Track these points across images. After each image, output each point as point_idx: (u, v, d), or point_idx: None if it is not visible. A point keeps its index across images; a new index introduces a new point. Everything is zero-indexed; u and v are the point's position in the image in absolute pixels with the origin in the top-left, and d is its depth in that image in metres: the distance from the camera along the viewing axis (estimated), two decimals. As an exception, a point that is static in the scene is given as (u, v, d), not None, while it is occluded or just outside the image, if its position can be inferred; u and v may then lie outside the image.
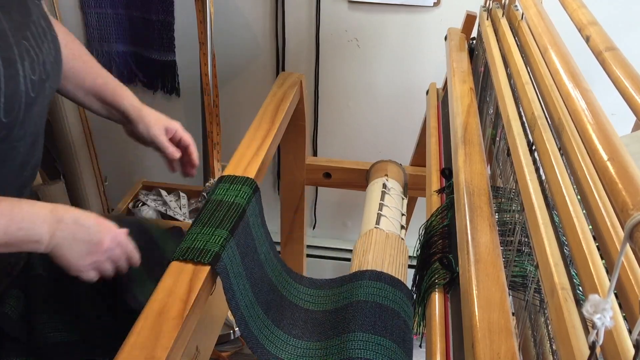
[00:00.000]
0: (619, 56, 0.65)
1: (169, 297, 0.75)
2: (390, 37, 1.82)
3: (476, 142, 0.95)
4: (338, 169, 1.58)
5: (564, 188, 0.62)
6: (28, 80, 0.74)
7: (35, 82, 0.76)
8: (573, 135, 0.64)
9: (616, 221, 0.49)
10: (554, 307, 0.55)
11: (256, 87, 1.95)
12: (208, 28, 1.57)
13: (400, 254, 1.12)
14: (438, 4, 1.74)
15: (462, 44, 1.40)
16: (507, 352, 0.57)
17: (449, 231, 0.91)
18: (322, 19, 1.81)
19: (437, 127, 1.38)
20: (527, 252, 0.78)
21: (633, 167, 0.48)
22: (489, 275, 0.67)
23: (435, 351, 0.76)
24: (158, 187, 1.97)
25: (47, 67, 0.79)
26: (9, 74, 0.71)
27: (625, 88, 0.59)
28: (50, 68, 0.80)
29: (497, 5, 1.28)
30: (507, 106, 0.89)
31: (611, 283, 0.40)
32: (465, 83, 1.15)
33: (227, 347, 1.90)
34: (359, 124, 1.98)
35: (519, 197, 0.75)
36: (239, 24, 1.86)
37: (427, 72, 1.82)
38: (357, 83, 1.91)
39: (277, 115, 1.25)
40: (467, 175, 0.86)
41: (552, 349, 0.68)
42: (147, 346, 0.68)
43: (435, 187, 1.12)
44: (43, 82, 0.78)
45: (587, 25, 0.77)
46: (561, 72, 0.74)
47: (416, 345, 0.90)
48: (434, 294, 0.84)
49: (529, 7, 1.02)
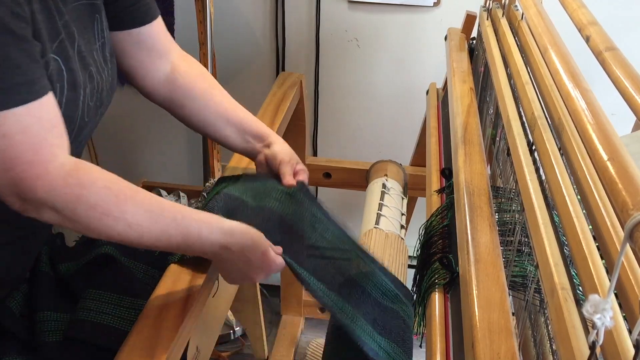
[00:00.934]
0: (619, 56, 0.65)
1: (169, 297, 0.76)
2: (390, 37, 1.82)
3: (476, 142, 0.95)
4: (338, 169, 1.59)
5: (564, 188, 0.62)
6: (86, 106, 0.76)
7: (92, 108, 0.78)
8: (573, 135, 0.65)
9: (616, 221, 0.49)
10: (554, 307, 0.55)
11: (256, 87, 1.94)
12: (208, 28, 1.57)
13: (400, 254, 1.12)
14: (438, 4, 1.74)
15: (462, 44, 1.40)
16: (507, 352, 0.57)
17: (449, 231, 0.91)
18: (322, 19, 1.81)
19: (437, 127, 1.38)
20: (527, 252, 0.78)
21: (633, 167, 0.48)
22: (489, 275, 0.67)
23: (435, 351, 0.76)
24: (158, 187, 1.97)
25: (103, 94, 0.81)
26: (71, 97, 0.72)
27: (625, 88, 0.59)
28: (105, 96, 0.82)
29: (497, 5, 1.28)
30: (507, 106, 0.89)
31: (611, 283, 0.40)
32: (465, 83, 1.15)
33: (227, 347, 1.90)
34: (359, 124, 1.98)
35: (519, 197, 0.75)
36: (239, 24, 1.86)
37: (427, 72, 1.82)
38: (357, 83, 1.91)
39: (277, 115, 1.25)
40: (467, 175, 0.86)
41: (552, 349, 0.68)
42: (147, 346, 0.68)
43: (435, 187, 1.12)
44: (97, 109, 0.80)
45: (587, 25, 0.77)
46: (561, 72, 0.74)
47: (416, 345, 0.90)
48: (434, 294, 0.84)
49: (529, 7, 1.02)
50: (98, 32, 0.81)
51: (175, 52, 0.95)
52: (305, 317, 1.98)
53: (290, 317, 1.95)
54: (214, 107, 0.95)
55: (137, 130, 2.09)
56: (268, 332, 1.84)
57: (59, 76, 0.70)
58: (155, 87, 0.93)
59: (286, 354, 1.81)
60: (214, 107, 0.95)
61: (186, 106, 0.94)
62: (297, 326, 1.93)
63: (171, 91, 0.93)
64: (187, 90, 0.94)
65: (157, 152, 2.13)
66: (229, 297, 1.04)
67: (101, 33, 0.82)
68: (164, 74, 0.93)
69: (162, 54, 0.92)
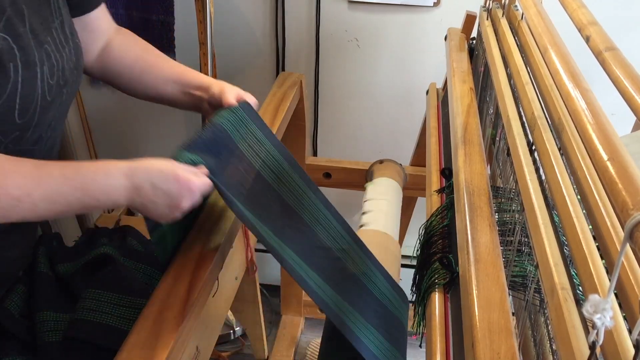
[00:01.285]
0: (619, 56, 0.65)
1: (169, 297, 0.75)
2: (390, 37, 1.82)
3: (476, 142, 0.95)
4: (338, 169, 1.59)
5: (564, 188, 0.62)
6: (45, 84, 0.75)
7: (53, 87, 0.77)
8: (573, 135, 0.64)
9: (616, 221, 0.49)
10: (554, 307, 0.55)
11: (256, 87, 1.94)
12: (208, 28, 1.57)
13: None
14: (438, 4, 1.74)
15: (462, 44, 1.40)
16: (507, 352, 0.57)
17: (449, 231, 0.91)
18: (322, 19, 1.81)
19: (437, 127, 1.38)
20: (527, 252, 0.78)
21: (633, 167, 0.48)
22: (489, 275, 0.67)
23: (435, 351, 0.76)
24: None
25: (66, 73, 0.80)
26: (27, 75, 0.72)
27: (625, 88, 0.59)
28: (69, 74, 0.81)
29: (497, 5, 1.28)
30: (507, 106, 0.89)
31: (611, 283, 0.40)
32: (465, 83, 1.15)
33: (227, 347, 1.90)
34: (359, 124, 1.98)
35: (519, 197, 0.75)
36: (239, 24, 1.86)
37: (427, 72, 1.82)
38: (357, 83, 1.91)
39: (277, 115, 1.26)
40: (467, 175, 0.86)
41: (552, 349, 0.68)
42: (147, 346, 0.68)
43: (435, 187, 1.12)
44: (60, 87, 0.79)
45: (587, 25, 0.77)
46: (561, 72, 0.74)
47: (416, 345, 0.90)
48: (434, 294, 0.84)
49: (529, 7, 1.02)
50: (55, 10, 0.81)
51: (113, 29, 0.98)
52: (305, 317, 1.99)
53: (290, 317, 1.95)
54: (150, 69, 0.96)
55: (137, 130, 2.09)
56: (268, 332, 1.84)
57: (10, 55, 0.69)
58: (92, 61, 0.95)
59: (286, 354, 1.81)
60: (150, 68, 0.96)
61: (123, 74, 0.96)
62: (297, 326, 1.93)
63: (105, 62, 0.96)
64: (121, 58, 0.95)
65: (157, 152, 2.13)
66: (229, 297, 1.04)
67: (57, 11, 0.81)
68: (100, 48, 0.95)
69: (102, 33, 0.95)
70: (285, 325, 1.92)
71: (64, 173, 0.67)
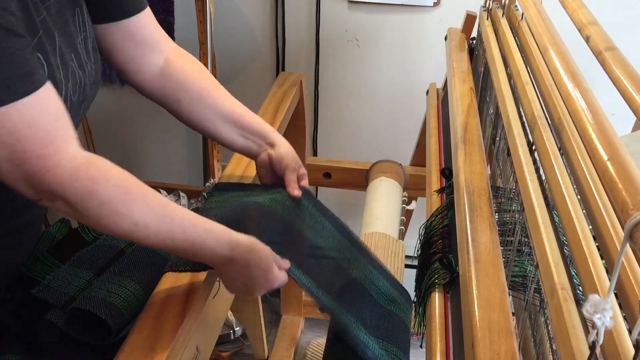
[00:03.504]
0: (619, 56, 0.65)
1: (169, 297, 0.76)
2: (390, 37, 1.82)
3: (476, 142, 0.95)
4: (338, 169, 1.59)
5: (564, 188, 0.62)
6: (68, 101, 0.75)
7: (74, 103, 0.77)
8: (573, 135, 0.65)
9: (616, 221, 0.49)
10: (554, 307, 0.55)
11: (256, 87, 1.94)
12: (208, 28, 1.57)
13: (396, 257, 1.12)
14: (438, 4, 1.74)
15: (462, 44, 1.40)
16: (507, 352, 0.57)
17: (449, 231, 0.91)
18: (322, 19, 1.81)
19: (437, 127, 1.38)
20: (527, 252, 0.78)
21: (633, 167, 0.48)
22: (489, 275, 0.67)
23: (435, 351, 0.76)
24: (158, 187, 1.97)
25: (87, 89, 0.80)
26: None
27: (625, 88, 0.59)
28: (89, 90, 0.81)
29: (497, 5, 1.28)
30: (507, 106, 0.89)
31: (611, 283, 0.40)
32: (465, 83, 1.15)
33: (227, 347, 1.90)
34: (359, 124, 1.98)
35: (519, 197, 0.75)
36: (239, 24, 1.86)
37: (427, 72, 1.82)
38: (357, 83, 1.91)
39: (277, 115, 1.26)
40: (467, 175, 0.86)
41: (552, 349, 0.68)
42: (147, 346, 0.68)
43: (435, 187, 1.12)
44: (80, 103, 0.79)
45: (587, 25, 0.77)
46: (561, 72, 0.74)
47: (416, 345, 0.90)
48: (434, 294, 0.84)
49: (529, 7, 1.02)
50: (79, 26, 0.79)
51: (169, 45, 0.93)
52: (305, 317, 1.98)
53: (290, 317, 1.95)
54: (212, 103, 0.93)
55: (137, 130, 2.09)
56: (268, 332, 1.84)
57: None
58: (149, 81, 0.90)
59: (286, 354, 1.81)
60: (212, 102, 0.93)
61: (182, 101, 0.92)
62: (297, 326, 1.93)
63: (166, 86, 0.91)
64: (183, 84, 0.91)
65: (157, 152, 2.13)
66: (229, 297, 1.04)
67: (82, 26, 0.80)
68: (158, 68, 0.90)
69: (153, 46, 0.89)
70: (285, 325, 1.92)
71: (183, 223, 0.70)
